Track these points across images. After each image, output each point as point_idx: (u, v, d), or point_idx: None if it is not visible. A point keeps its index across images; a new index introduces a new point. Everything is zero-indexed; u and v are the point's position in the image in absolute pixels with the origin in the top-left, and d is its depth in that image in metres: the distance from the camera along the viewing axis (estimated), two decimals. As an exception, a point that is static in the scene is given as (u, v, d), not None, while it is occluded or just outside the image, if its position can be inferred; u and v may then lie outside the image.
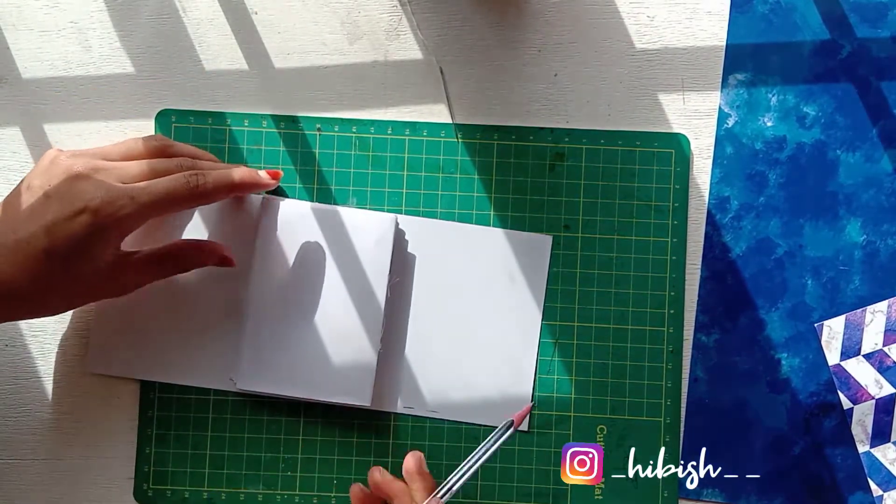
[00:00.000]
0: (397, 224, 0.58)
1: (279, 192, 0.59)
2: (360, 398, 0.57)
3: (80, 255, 0.51)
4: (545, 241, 0.60)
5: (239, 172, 0.56)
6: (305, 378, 0.57)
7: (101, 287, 0.54)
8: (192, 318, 0.59)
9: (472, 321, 0.59)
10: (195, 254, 0.56)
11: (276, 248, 0.58)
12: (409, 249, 0.59)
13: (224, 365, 0.58)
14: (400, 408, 0.59)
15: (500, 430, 0.56)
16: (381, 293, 0.58)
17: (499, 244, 0.60)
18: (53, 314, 0.55)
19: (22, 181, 0.53)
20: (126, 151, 0.55)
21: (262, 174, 0.57)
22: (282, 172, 0.58)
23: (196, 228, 0.59)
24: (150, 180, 0.53)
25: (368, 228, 0.58)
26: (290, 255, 0.58)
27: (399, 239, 0.59)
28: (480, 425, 0.59)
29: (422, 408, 0.59)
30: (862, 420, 0.59)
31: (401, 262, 0.59)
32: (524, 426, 0.59)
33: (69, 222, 0.50)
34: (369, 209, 0.59)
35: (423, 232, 0.59)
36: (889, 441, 0.59)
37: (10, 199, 0.52)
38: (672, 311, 0.59)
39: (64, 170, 0.51)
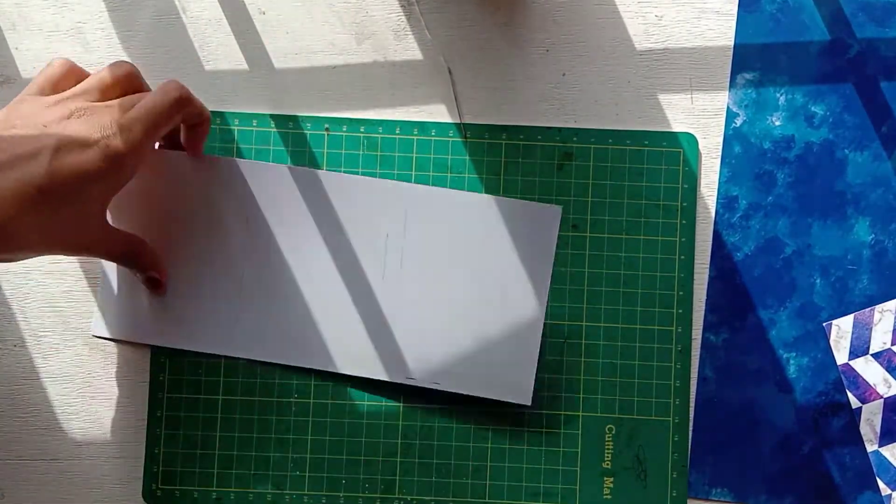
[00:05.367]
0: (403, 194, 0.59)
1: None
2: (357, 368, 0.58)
3: (78, 193, 0.48)
4: (555, 211, 0.59)
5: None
6: (291, 344, 0.58)
7: (72, 236, 0.50)
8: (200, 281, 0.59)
9: (478, 292, 0.59)
10: (147, 260, 0.56)
11: (273, 213, 0.58)
12: (416, 217, 0.59)
13: (229, 331, 0.59)
14: (402, 378, 0.59)
15: None
16: (377, 264, 0.58)
17: (506, 213, 0.59)
18: (20, 256, 0.50)
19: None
20: (99, 84, 0.52)
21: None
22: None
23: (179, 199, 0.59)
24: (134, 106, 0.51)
25: (374, 195, 0.58)
26: (287, 220, 0.58)
27: (407, 209, 0.59)
28: (485, 399, 0.59)
29: (425, 380, 0.58)
30: (870, 419, 0.59)
31: (401, 229, 0.59)
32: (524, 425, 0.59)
33: (78, 154, 0.48)
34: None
35: (428, 200, 0.59)
36: (898, 440, 0.59)
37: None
38: (680, 311, 0.59)
39: (61, 112, 0.49)
